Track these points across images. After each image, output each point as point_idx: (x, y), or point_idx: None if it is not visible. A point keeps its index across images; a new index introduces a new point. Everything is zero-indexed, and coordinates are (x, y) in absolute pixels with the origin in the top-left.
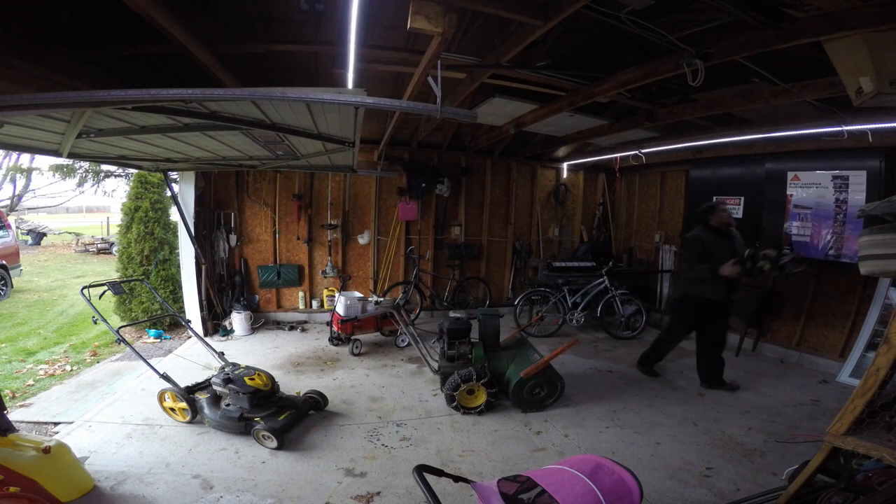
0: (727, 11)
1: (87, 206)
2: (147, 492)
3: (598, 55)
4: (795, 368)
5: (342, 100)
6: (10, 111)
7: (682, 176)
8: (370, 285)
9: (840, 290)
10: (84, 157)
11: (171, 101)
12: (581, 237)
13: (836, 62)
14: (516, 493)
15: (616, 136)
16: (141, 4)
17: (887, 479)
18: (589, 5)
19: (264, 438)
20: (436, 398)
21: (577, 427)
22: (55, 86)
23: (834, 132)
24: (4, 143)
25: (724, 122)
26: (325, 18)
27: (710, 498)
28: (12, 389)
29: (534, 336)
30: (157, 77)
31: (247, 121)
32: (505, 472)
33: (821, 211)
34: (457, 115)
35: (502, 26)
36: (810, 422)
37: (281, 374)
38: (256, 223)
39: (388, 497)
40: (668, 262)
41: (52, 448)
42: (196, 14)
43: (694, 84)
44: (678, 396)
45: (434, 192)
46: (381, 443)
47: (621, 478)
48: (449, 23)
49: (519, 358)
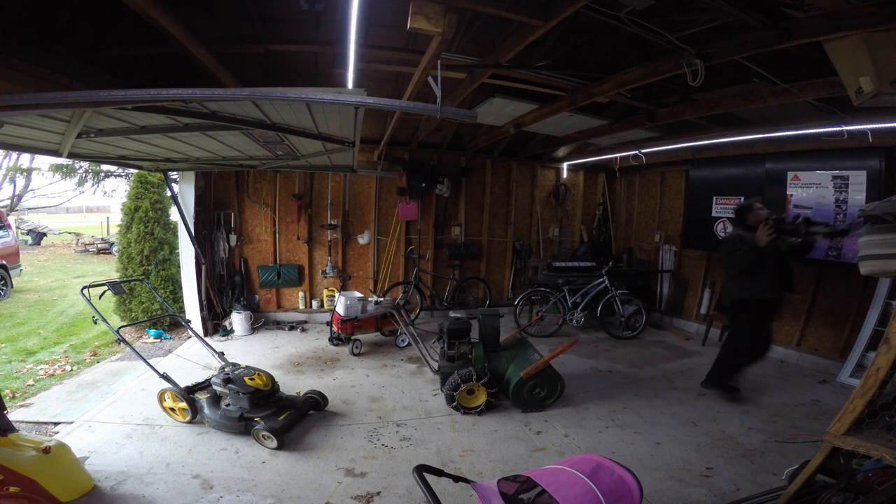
0: (727, 11)
1: (87, 206)
2: (147, 492)
3: (598, 55)
4: (795, 368)
5: (342, 100)
6: (10, 111)
7: (682, 176)
8: (370, 285)
9: (840, 290)
10: (84, 157)
11: (171, 101)
12: (581, 237)
13: (835, 62)
14: (516, 493)
15: (616, 136)
16: (141, 4)
17: (887, 479)
18: (589, 5)
19: (264, 438)
20: (436, 398)
21: (577, 427)
22: (55, 86)
23: (834, 132)
24: (4, 143)
25: (724, 122)
26: (325, 18)
27: (710, 498)
28: (12, 389)
29: (534, 336)
30: (157, 77)
31: (247, 121)
32: (505, 472)
33: (821, 211)
34: (457, 115)
35: (502, 26)
36: (810, 422)
37: (281, 374)
38: (256, 223)
39: (388, 497)
40: (668, 262)
41: (52, 448)
42: (196, 14)
43: (694, 84)
44: (678, 396)
45: (434, 192)
46: (381, 443)
47: (621, 478)
48: (449, 23)
49: (519, 358)
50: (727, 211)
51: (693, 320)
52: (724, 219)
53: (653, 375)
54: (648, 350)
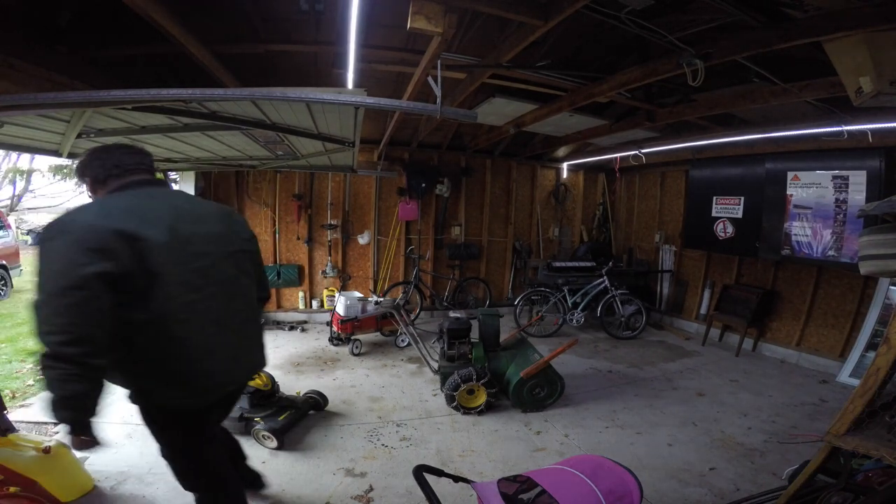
0: (727, 11)
1: None
2: (147, 492)
3: (599, 55)
4: (795, 368)
5: (342, 100)
6: (10, 111)
7: (682, 176)
8: (370, 285)
9: (840, 290)
10: None
11: (171, 101)
12: (581, 237)
13: (835, 62)
14: (516, 493)
15: (616, 136)
16: (141, 4)
17: (887, 479)
18: (589, 5)
19: (264, 438)
20: (436, 398)
21: (577, 427)
22: (55, 86)
23: (834, 132)
24: (4, 143)
25: (724, 122)
26: (324, 18)
27: (710, 498)
28: (12, 389)
29: (534, 336)
30: (157, 77)
31: (247, 121)
32: (505, 472)
33: (821, 211)
34: (457, 115)
35: (502, 26)
36: (810, 422)
37: (281, 374)
38: (256, 223)
39: (388, 497)
40: (668, 262)
41: (52, 448)
42: (196, 14)
43: (694, 84)
44: (678, 396)
45: (434, 192)
46: (381, 443)
47: (621, 478)
48: (449, 23)
49: (519, 358)
50: (727, 211)
51: (693, 320)
52: (724, 219)
53: (653, 375)
54: (648, 350)
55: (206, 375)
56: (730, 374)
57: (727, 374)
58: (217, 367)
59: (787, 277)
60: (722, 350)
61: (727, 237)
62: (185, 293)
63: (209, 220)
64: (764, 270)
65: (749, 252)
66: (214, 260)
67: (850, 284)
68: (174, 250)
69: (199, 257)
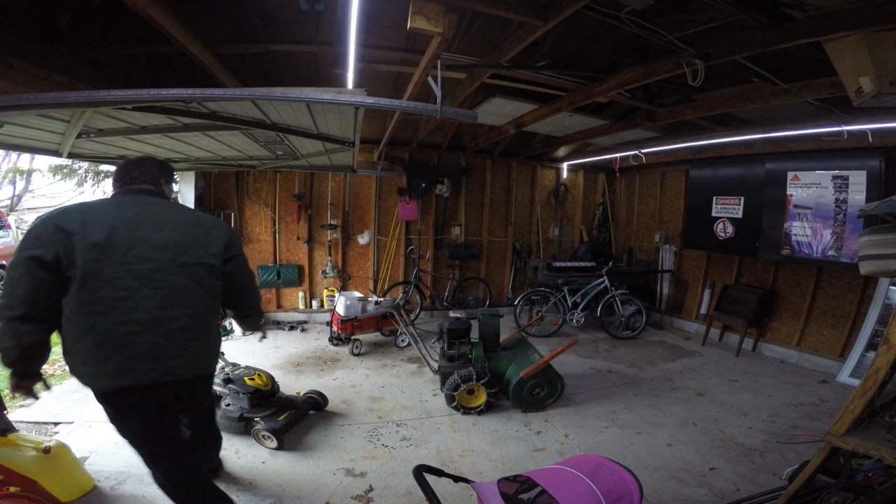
0: (727, 11)
1: None
2: (147, 492)
3: (598, 55)
4: (795, 368)
5: (342, 100)
6: (10, 111)
7: (682, 176)
8: (370, 285)
9: (840, 290)
10: (84, 157)
11: (171, 101)
12: (581, 237)
13: (835, 62)
14: (516, 493)
15: (616, 136)
16: (141, 4)
17: (887, 479)
18: (589, 5)
19: (264, 438)
20: (436, 398)
21: (577, 427)
22: (55, 86)
23: (834, 132)
24: (4, 143)
25: (724, 122)
26: (324, 18)
27: (710, 498)
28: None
29: (534, 336)
30: (157, 77)
31: (247, 121)
32: (505, 472)
33: (821, 211)
34: (457, 115)
35: (502, 26)
36: (810, 422)
37: (281, 374)
38: (256, 223)
39: (388, 497)
40: (668, 262)
41: (52, 448)
42: (196, 14)
43: (694, 84)
44: (678, 396)
45: (434, 192)
46: (381, 443)
47: (621, 478)
48: (449, 23)
49: (519, 358)
50: (727, 211)
51: (693, 320)
52: (724, 219)
53: (653, 375)
54: (648, 350)
55: (108, 363)
56: (730, 374)
57: (727, 374)
58: (125, 363)
59: (787, 277)
60: (722, 350)
61: (727, 237)
62: (110, 289)
63: (169, 229)
64: (764, 270)
65: (749, 252)
66: (158, 266)
67: (850, 284)
68: (108, 250)
69: (140, 261)
